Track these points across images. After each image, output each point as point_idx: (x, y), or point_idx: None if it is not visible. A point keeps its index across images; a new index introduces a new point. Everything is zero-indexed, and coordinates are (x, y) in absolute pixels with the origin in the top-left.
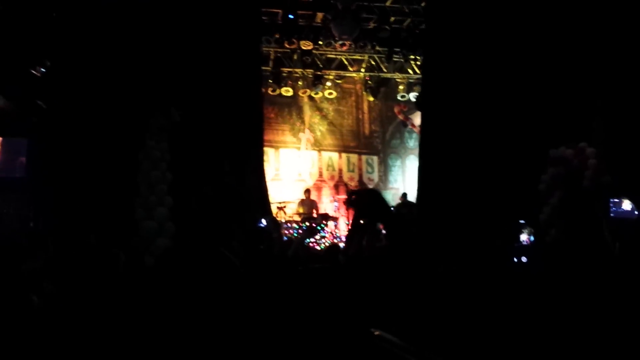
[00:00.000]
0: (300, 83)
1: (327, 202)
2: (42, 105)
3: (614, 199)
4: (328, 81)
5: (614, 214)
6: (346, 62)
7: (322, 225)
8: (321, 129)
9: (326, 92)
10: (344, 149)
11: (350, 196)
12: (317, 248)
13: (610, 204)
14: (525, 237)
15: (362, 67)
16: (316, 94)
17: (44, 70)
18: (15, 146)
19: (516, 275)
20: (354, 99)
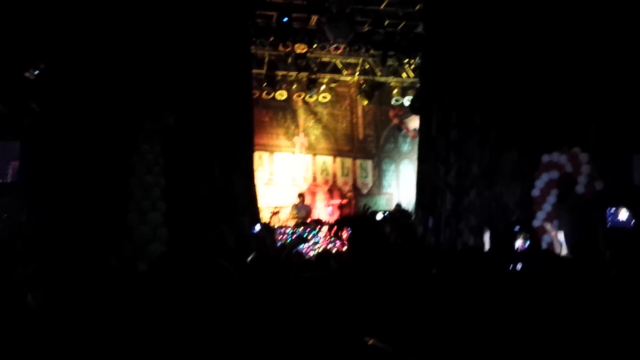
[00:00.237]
0: (295, 86)
1: (322, 207)
2: (35, 108)
3: (610, 208)
4: (322, 85)
5: (611, 224)
6: (340, 66)
7: (315, 230)
8: (315, 132)
9: (320, 96)
10: (338, 153)
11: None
12: (311, 254)
13: (608, 214)
14: (520, 243)
15: (356, 71)
16: (310, 97)
17: (37, 73)
18: (9, 150)
19: (511, 281)
20: (348, 102)
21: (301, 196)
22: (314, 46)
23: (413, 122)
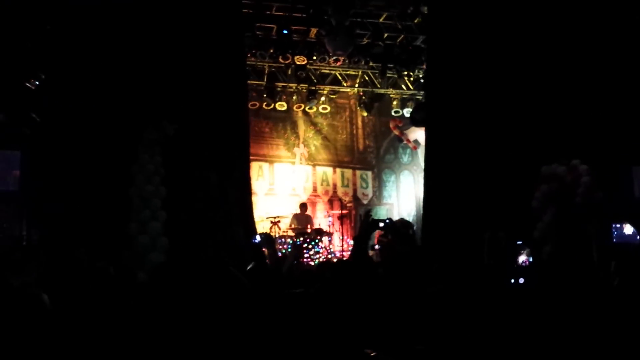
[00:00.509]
0: (295, 98)
1: (322, 217)
2: (35, 118)
3: (615, 223)
4: (322, 96)
5: (616, 239)
6: (340, 78)
7: (316, 241)
8: (315, 143)
9: (320, 107)
10: (338, 163)
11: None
12: (312, 264)
13: (613, 229)
14: (523, 259)
15: (355, 83)
16: (310, 108)
17: (38, 83)
18: (10, 159)
19: (513, 295)
20: (348, 114)
21: (303, 206)
22: (314, 58)
23: (413, 134)
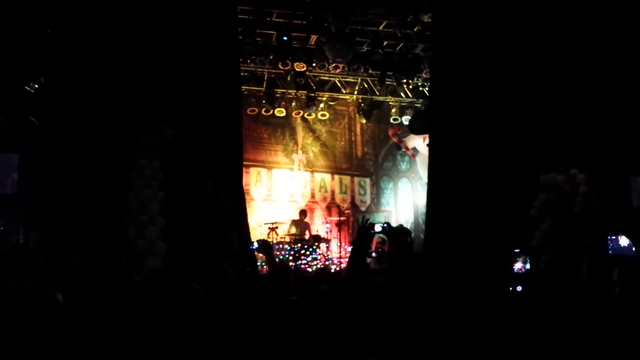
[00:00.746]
0: (294, 104)
1: (320, 224)
2: (34, 122)
3: (610, 235)
4: (321, 103)
5: (611, 251)
6: (339, 85)
7: (313, 247)
8: (314, 150)
9: (319, 114)
10: (336, 170)
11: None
12: (309, 270)
13: (608, 241)
14: (519, 266)
15: (355, 90)
16: (309, 115)
17: (37, 86)
18: (8, 162)
19: (510, 303)
20: (346, 121)
21: (302, 213)
22: (313, 65)
23: (412, 141)
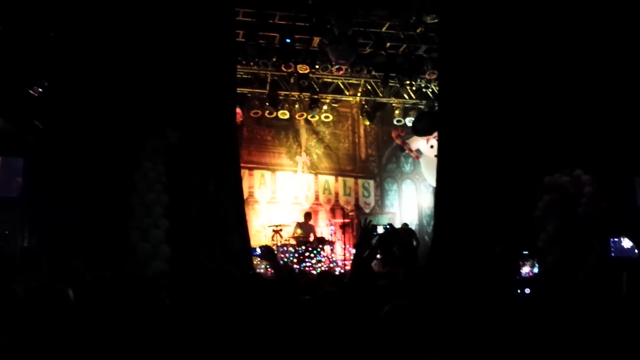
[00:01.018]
0: (297, 106)
1: (324, 226)
2: (38, 125)
3: (613, 237)
4: (324, 105)
5: (614, 253)
6: (342, 86)
7: (318, 250)
8: (317, 152)
9: (322, 116)
10: (340, 172)
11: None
12: (314, 272)
13: (611, 243)
14: (527, 270)
15: (358, 92)
16: (313, 117)
17: (41, 90)
18: (13, 166)
19: (518, 306)
20: (350, 122)
21: (307, 215)
22: (317, 67)
23: (415, 143)
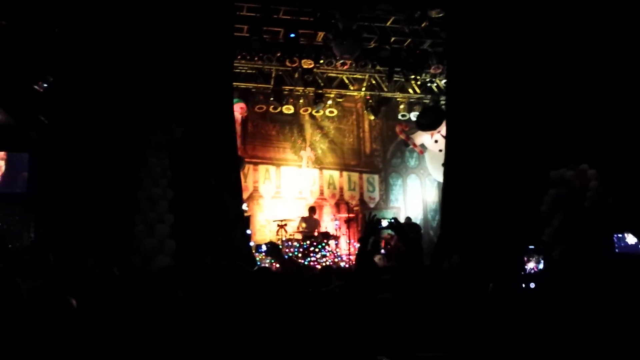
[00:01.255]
0: (302, 101)
1: (328, 221)
2: (44, 121)
3: (617, 233)
4: (329, 99)
5: (618, 249)
6: (347, 81)
7: (322, 244)
8: (322, 147)
9: (327, 111)
10: (344, 167)
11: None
12: (318, 267)
13: (615, 239)
14: (532, 265)
15: (362, 86)
16: (317, 112)
17: (46, 85)
18: (19, 161)
19: (523, 300)
20: (354, 117)
21: (312, 210)
22: (321, 62)
23: (419, 138)
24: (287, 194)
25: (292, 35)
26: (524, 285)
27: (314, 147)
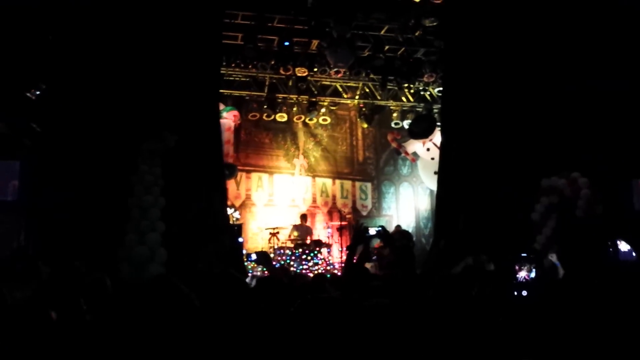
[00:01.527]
0: (295, 109)
1: (321, 229)
2: (35, 128)
3: (609, 241)
4: (322, 107)
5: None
6: (340, 89)
7: (315, 252)
8: (315, 155)
9: (320, 118)
10: (337, 175)
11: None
12: (310, 275)
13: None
14: (523, 274)
15: (356, 95)
16: (310, 120)
17: (38, 93)
18: (9, 169)
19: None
20: (348, 125)
21: (303, 217)
22: (315, 70)
23: (412, 146)
24: (280, 201)
25: (286, 44)
26: (516, 293)
27: (307, 154)
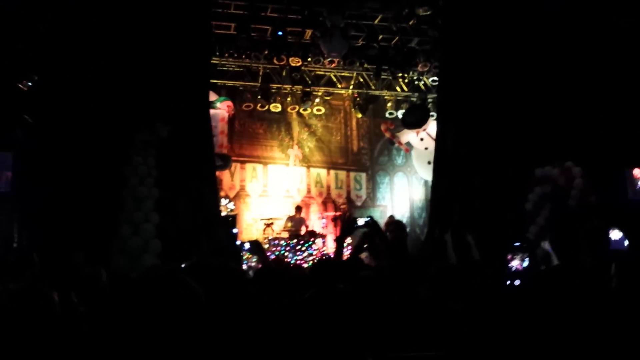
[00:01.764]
0: (289, 99)
1: (315, 219)
2: (28, 120)
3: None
4: (317, 98)
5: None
6: (335, 79)
7: (309, 243)
8: (309, 145)
9: (315, 109)
10: (332, 165)
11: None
12: (305, 266)
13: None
14: (517, 263)
15: (350, 84)
16: (305, 110)
17: (30, 84)
18: (2, 160)
19: (508, 297)
20: (342, 115)
21: (298, 209)
22: (309, 60)
23: (405, 136)
24: (274, 192)
25: (280, 33)
26: (508, 282)
27: (302, 145)
